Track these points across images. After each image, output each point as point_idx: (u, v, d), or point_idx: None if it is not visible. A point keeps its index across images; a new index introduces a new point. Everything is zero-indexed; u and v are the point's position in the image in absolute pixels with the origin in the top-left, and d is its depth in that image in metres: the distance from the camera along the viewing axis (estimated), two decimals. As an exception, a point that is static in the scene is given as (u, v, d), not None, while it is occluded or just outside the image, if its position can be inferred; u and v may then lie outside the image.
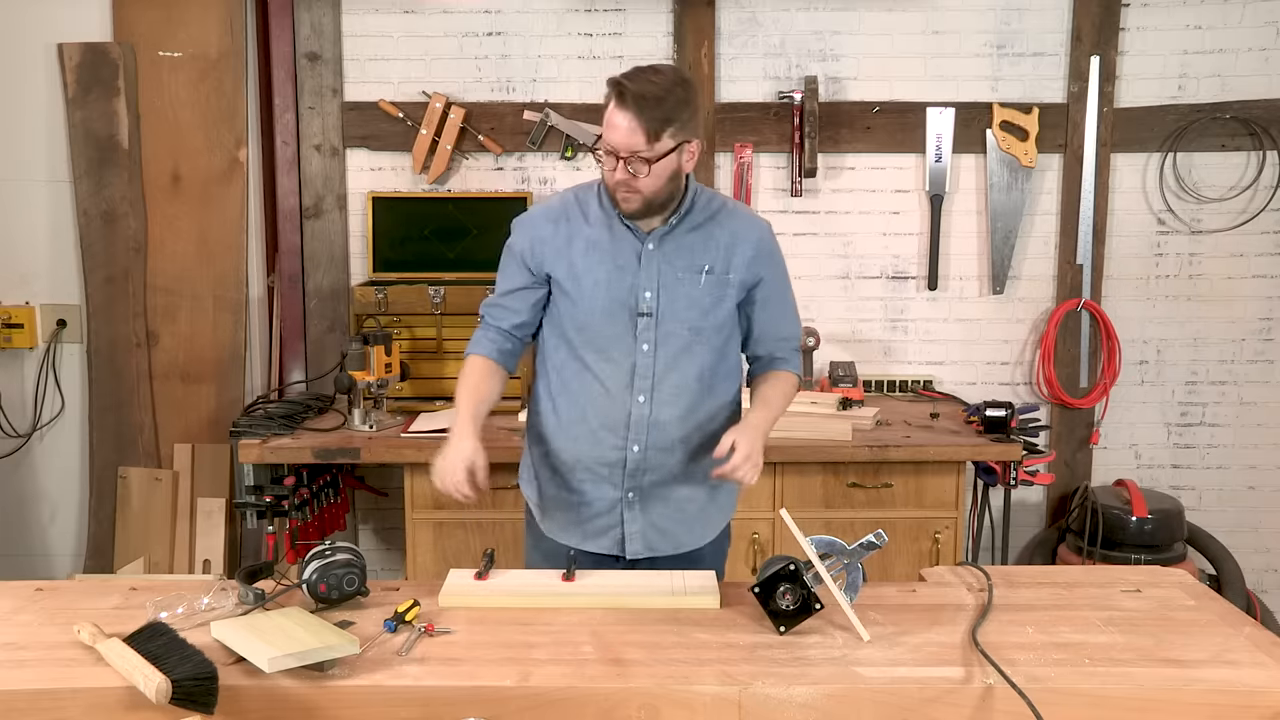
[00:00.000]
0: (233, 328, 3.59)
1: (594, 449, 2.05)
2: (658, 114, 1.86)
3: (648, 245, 2.01)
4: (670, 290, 2.01)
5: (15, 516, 3.69)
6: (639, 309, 2.00)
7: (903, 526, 3.03)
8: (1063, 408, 3.67)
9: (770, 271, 2.08)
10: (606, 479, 2.06)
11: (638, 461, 2.04)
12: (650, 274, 2.00)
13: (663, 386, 2.02)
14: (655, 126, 1.86)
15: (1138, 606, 1.77)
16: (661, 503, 2.07)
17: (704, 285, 2.02)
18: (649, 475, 2.05)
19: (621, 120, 1.86)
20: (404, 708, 1.48)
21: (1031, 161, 3.54)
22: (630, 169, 1.89)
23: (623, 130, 1.86)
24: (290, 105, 3.55)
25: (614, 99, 1.88)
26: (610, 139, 1.89)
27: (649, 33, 3.53)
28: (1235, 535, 3.65)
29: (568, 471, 2.09)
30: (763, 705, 1.47)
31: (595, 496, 2.08)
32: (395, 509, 3.48)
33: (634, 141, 1.86)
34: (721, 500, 2.16)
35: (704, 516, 2.14)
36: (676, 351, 2.02)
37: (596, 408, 2.04)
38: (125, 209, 3.52)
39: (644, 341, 2.01)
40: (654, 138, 1.87)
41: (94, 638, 1.54)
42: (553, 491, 2.12)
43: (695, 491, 2.09)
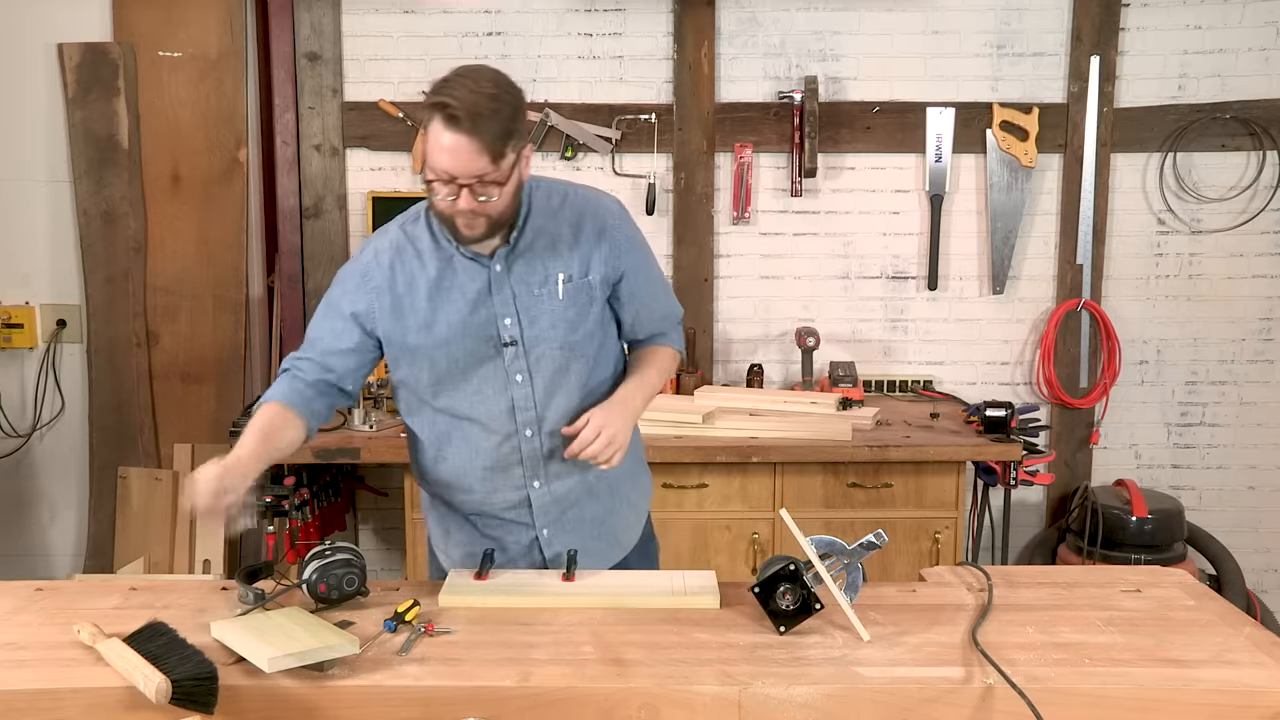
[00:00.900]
0: (233, 328, 3.59)
1: (493, 495, 1.91)
2: (496, 129, 1.64)
3: (495, 267, 1.81)
4: (530, 311, 1.82)
5: (15, 516, 3.69)
6: (502, 339, 1.82)
7: (903, 526, 3.03)
8: (1063, 408, 3.67)
9: (631, 259, 1.89)
10: (515, 520, 1.93)
11: (542, 496, 1.91)
12: (505, 299, 1.82)
13: (548, 415, 1.86)
14: (498, 144, 1.64)
15: (1138, 606, 1.76)
16: (576, 525, 1.95)
17: (566, 296, 1.83)
18: (557, 506, 1.92)
19: (458, 143, 1.63)
20: (404, 708, 1.47)
21: (1031, 161, 3.54)
22: (478, 195, 1.67)
23: (463, 154, 1.63)
24: (290, 105, 3.55)
25: (441, 120, 1.63)
26: (446, 166, 1.65)
27: (649, 33, 3.53)
28: (1235, 535, 3.65)
29: (474, 523, 1.96)
30: (763, 705, 1.47)
31: (510, 540, 1.94)
32: (395, 509, 3.48)
33: (477, 166, 1.64)
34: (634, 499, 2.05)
35: (621, 524, 2.03)
36: (553, 374, 1.85)
37: (483, 454, 1.88)
38: (125, 209, 3.52)
39: (516, 372, 1.84)
40: (499, 156, 1.65)
41: (94, 638, 1.54)
42: (468, 548, 1.97)
43: (604, 507, 1.98)
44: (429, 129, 1.66)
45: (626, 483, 2.02)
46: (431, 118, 1.65)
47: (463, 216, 1.71)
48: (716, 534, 3.05)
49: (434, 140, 1.66)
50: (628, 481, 2.03)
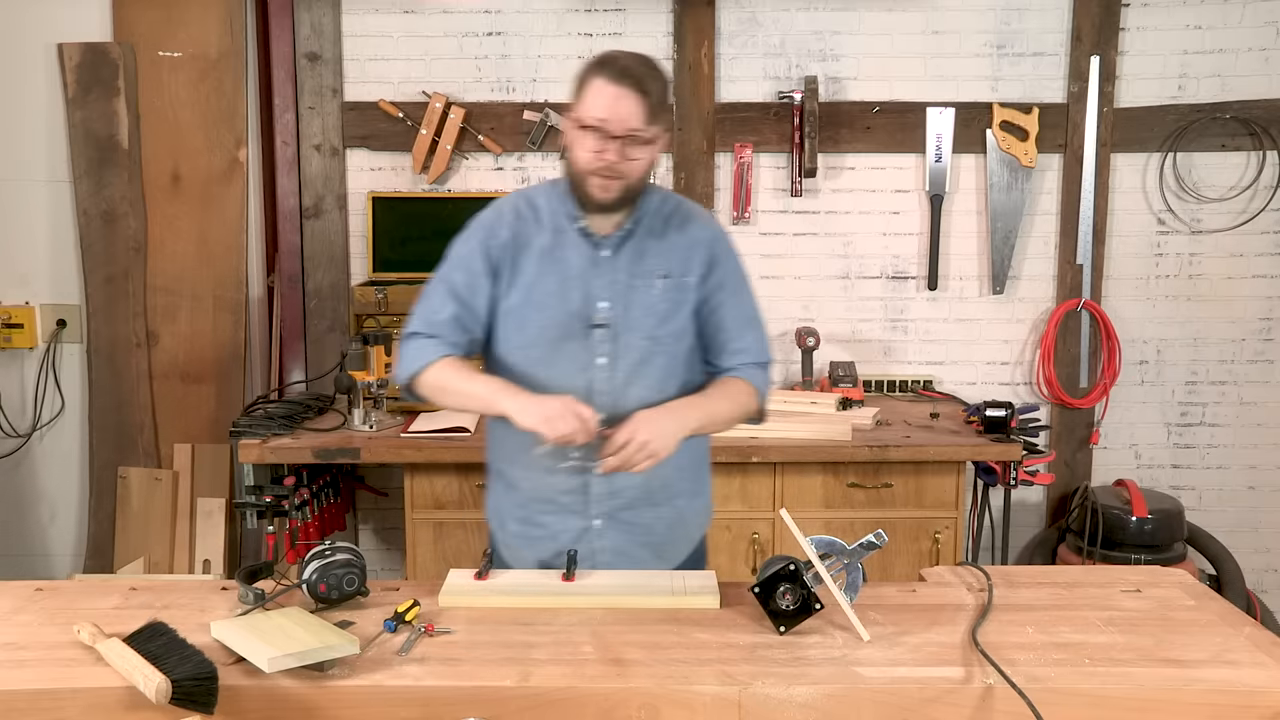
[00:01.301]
0: (233, 328, 3.59)
1: (553, 476, 1.91)
2: (656, 93, 1.77)
3: (602, 251, 1.88)
4: (626, 298, 1.87)
5: (15, 516, 3.69)
6: (593, 320, 1.86)
7: (903, 526, 3.03)
8: (1063, 408, 3.67)
9: (727, 277, 1.93)
10: (569, 508, 1.94)
11: (602, 485, 1.91)
12: (605, 282, 1.87)
13: (624, 402, 1.86)
14: (654, 107, 1.76)
15: (1138, 606, 1.76)
16: (627, 527, 1.95)
17: (661, 291, 1.89)
18: (615, 499, 1.93)
19: (621, 94, 1.73)
20: (404, 708, 1.47)
21: (1031, 161, 3.54)
22: (624, 150, 1.76)
23: (624, 104, 1.73)
24: (290, 105, 3.55)
25: (607, 75, 1.74)
26: (600, 114, 1.74)
27: (649, 33, 3.53)
28: (1235, 535, 3.65)
29: (527, 503, 1.97)
30: (763, 705, 1.47)
31: (559, 529, 1.95)
32: (395, 509, 3.48)
33: (635, 120, 1.74)
34: (689, 518, 2.05)
35: (671, 538, 2.02)
36: (636, 363, 1.88)
37: None
38: (125, 209, 3.52)
39: (600, 355, 1.87)
40: (652, 117, 1.76)
41: (94, 638, 1.54)
42: (515, 527, 2.00)
43: (660, 512, 1.97)
44: (588, 86, 1.77)
45: (686, 500, 2.02)
46: (593, 76, 1.77)
47: (600, 175, 1.78)
48: (716, 534, 3.04)
49: (595, 92, 1.75)
50: (687, 499, 2.03)
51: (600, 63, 1.77)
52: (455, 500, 3.04)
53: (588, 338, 1.87)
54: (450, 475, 3.03)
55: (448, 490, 3.04)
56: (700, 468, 2.06)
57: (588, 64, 1.80)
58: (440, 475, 3.03)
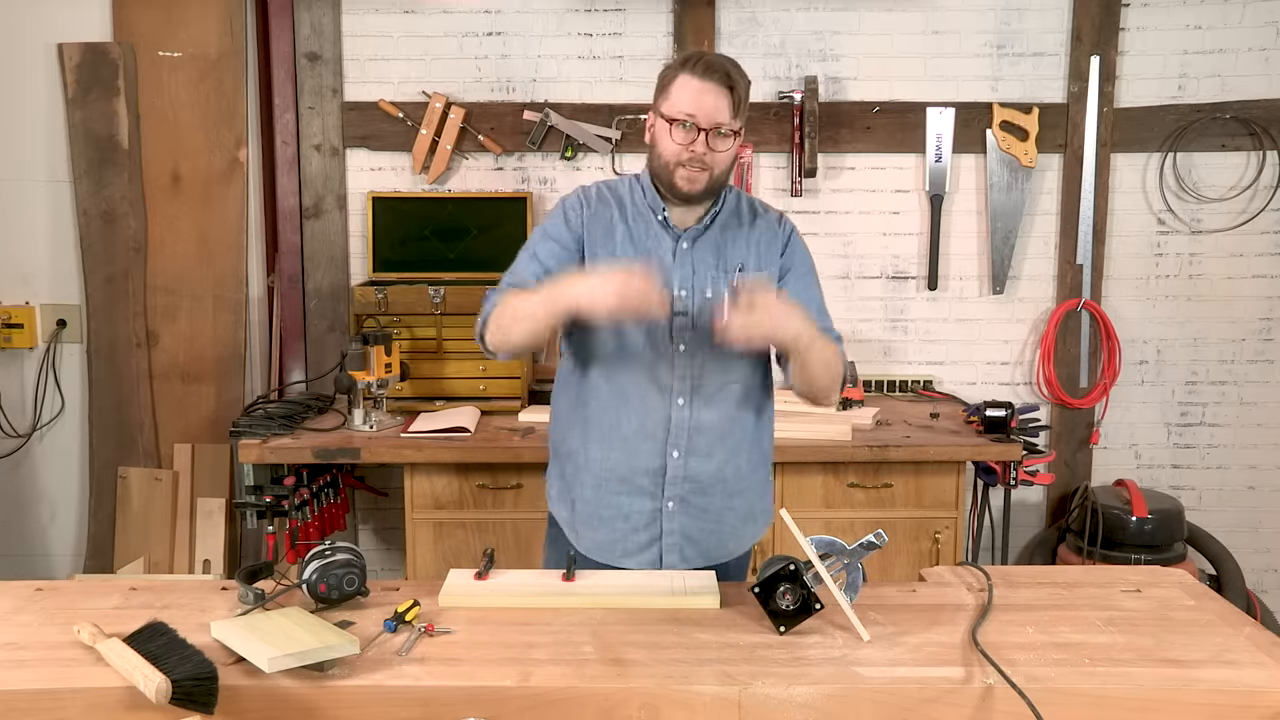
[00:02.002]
0: (233, 328, 3.59)
1: (630, 457, 1.97)
2: (742, 90, 1.87)
3: (682, 244, 1.97)
4: (704, 288, 1.96)
5: (15, 516, 3.69)
6: (675, 308, 1.94)
7: (903, 526, 3.03)
8: (1063, 408, 3.67)
9: (796, 262, 2.05)
10: (645, 489, 1.99)
11: (678, 468, 1.97)
12: (685, 273, 1.96)
13: (702, 388, 1.96)
14: (739, 103, 1.86)
15: (1138, 606, 1.77)
16: (699, 513, 2.01)
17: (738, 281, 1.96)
18: (688, 483, 1.99)
19: (709, 89, 1.83)
20: (404, 708, 1.47)
21: (1031, 161, 3.54)
22: (710, 143, 1.85)
23: (712, 97, 1.83)
24: (290, 105, 3.55)
25: (696, 71, 1.84)
26: (688, 109, 1.84)
27: (649, 33, 3.53)
28: (1235, 535, 3.65)
29: (602, 485, 2.01)
30: (763, 705, 1.47)
31: (633, 509, 2.00)
32: (395, 509, 3.48)
33: (721, 112, 1.84)
34: (758, 514, 2.11)
35: (737, 532, 2.07)
36: (710, 352, 1.95)
37: (632, 412, 1.96)
38: (125, 209, 3.52)
39: (680, 342, 1.95)
40: (738, 111, 1.86)
41: (94, 638, 1.54)
42: (587, 509, 2.04)
43: (731, 503, 2.03)
44: (676, 82, 1.86)
45: (755, 496, 2.08)
46: (680, 72, 1.86)
47: (688, 167, 1.88)
48: (716, 534, 3.05)
49: (682, 87, 1.85)
50: (757, 496, 2.09)
51: (687, 60, 1.87)
52: (455, 500, 3.04)
53: (669, 325, 1.95)
54: (450, 475, 3.03)
55: (448, 490, 3.04)
56: (768, 469, 2.14)
57: (673, 62, 1.91)
58: (440, 475, 3.03)
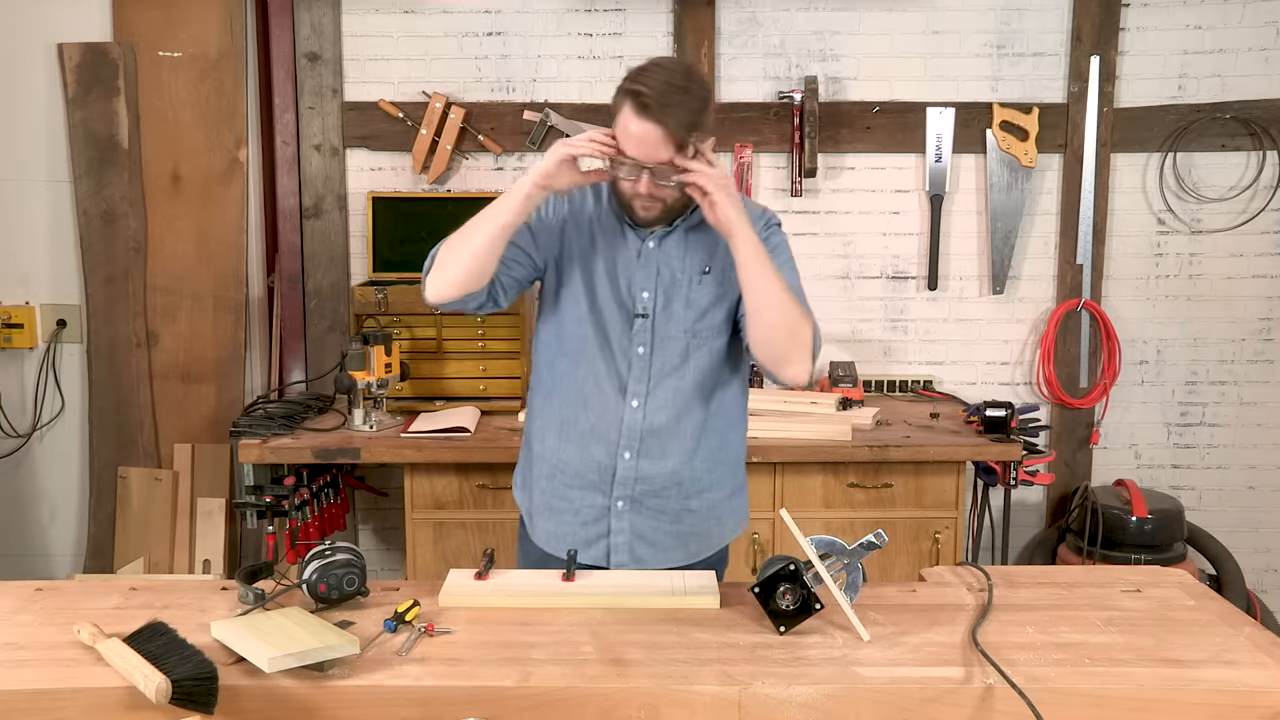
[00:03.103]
0: (233, 328, 3.59)
1: (583, 454, 1.98)
2: (685, 120, 1.76)
3: (648, 244, 1.94)
4: (668, 291, 1.94)
5: (15, 516, 3.69)
6: (636, 309, 1.93)
7: (903, 526, 3.03)
8: (1063, 408, 3.67)
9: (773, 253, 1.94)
10: (595, 486, 1.98)
11: (629, 469, 1.96)
12: (649, 273, 1.94)
13: (658, 391, 1.94)
14: (684, 134, 1.77)
15: (1138, 606, 1.77)
16: (654, 514, 1.99)
17: (703, 286, 1.94)
18: (640, 485, 1.97)
19: (648, 131, 1.75)
20: (404, 708, 1.47)
21: (1031, 161, 3.54)
22: (658, 180, 1.80)
23: (650, 141, 1.76)
24: (290, 105, 3.55)
25: (633, 107, 1.76)
26: (632, 150, 1.78)
27: (649, 33, 3.53)
28: (1235, 535, 3.65)
29: (555, 476, 2.02)
30: (763, 705, 1.47)
31: (583, 504, 2.00)
32: (395, 509, 3.48)
33: (662, 153, 1.77)
34: (724, 516, 2.07)
35: (700, 532, 2.04)
36: (673, 355, 1.94)
37: (588, 410, 1.96)
38: (125, 209, 3.52)
39: (639, 344, 1.93)
40: (682, 146, 1.78)
41: (94, 638, 1.54)
42: (541, 499, 2.05)
43: (689, 504, 2.01)
44: (620, 113, 1.79)
45: (720, 496, 2.05)
46: (623, 103, 1.78)
47: (641, 199, 1.85)
48: (716, 534, 3.05)
49: (624, 125, 1.78)
50: (723, 496, 2.05)
51: (631, 90, 1.76)
52: (455, 500, 3.04)
53: (629, 326, 1.94)
54: (450, 475, 3.03)
55: (448, 490, 3.04)
56: (737, 468, 2.10)
57: (624, 82, 1.80)
58: (440, 475, 3.03)
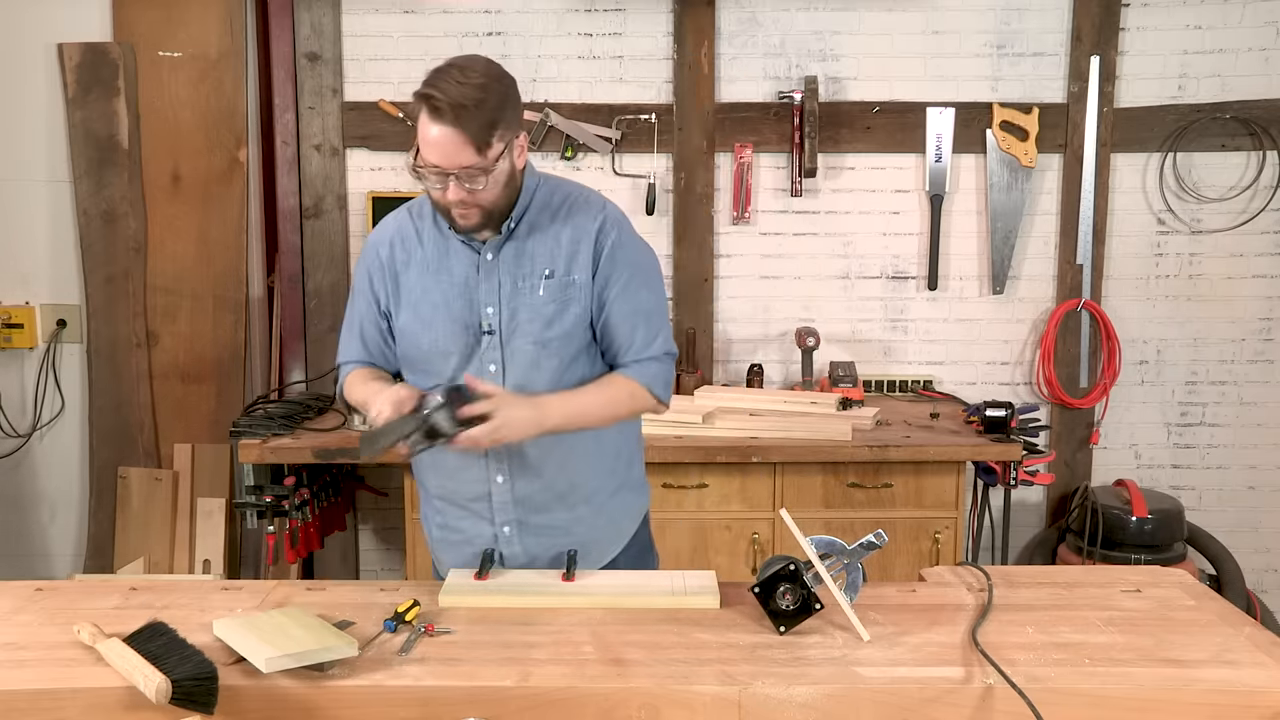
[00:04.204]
0: (233, 328, 3.59)
1: (457, 483, 1.93)
2: (482, 119, 1.66)
3: (485, 255, 1.83)
4: (511, 302, 1.83)
5: (15, 516, 3.69)
6: (482, 327, 1.83)
7: (903, 526, 3.03)
8: (1063, 408, 3.67)
9: (616, 271, 1.84)
10: (479, 514, 1.93)
11: (505, 493, 1.90)
12: (491, 287, 1.83)
13: None
14: (483, 134, 1.67)
15: (1138, 606, 1.76)
16: (543, 530, 1.92)
17: (546, 292, 1.82)
18: (519, 507, 1.91)
19: (443, 135, 1.66)
20: (404, 708, 1.47)
21: (1031, 161, 3.54)
22: (465, 185, 1.70)
23: (447, 146, 1.66)
24: (290, 105, 3.55)
25: (427, 112, 1.66)
26: (432, 158, 1.68)
27: (649, 33, 3.53)
28: (1235, 535, 3.65)
29: (444, 510, 1.98)
30: (763, 705, 1.47)
31: (474, 533, 1.95)
32: (395, 509, 3.48)
33: (462, 157, 1.67)
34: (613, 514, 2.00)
35: (595, 538, 1.97)
36: (525, 368, 1.83)
37: None
38: (125, 209, 3.52)
39: (490, 362, 1.83)
40: (484, 147, 1.68)
41: (94, 638, 1.54)
42: (439, 534, 2.01)
43: (578, 512, 1.93)
44: (419, 119, 1.70)
45: (605, 497, 1.97)
46: (419, 109, 1.69)
47: (455, 207, 1.75)
48: (716, 534, 3.05)
49: (422, 132, 1.69)
50: (606, 497, 1.97)
51: (424, 94, 1.67)
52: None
53: (478, 345, 1.84)
54: (450, 475, 3.03)
55: (448, 490, 3.03)
56: (619, 463, 2.00)
57: (421, 85, 1.69)
58: (440, 475, 3.03)
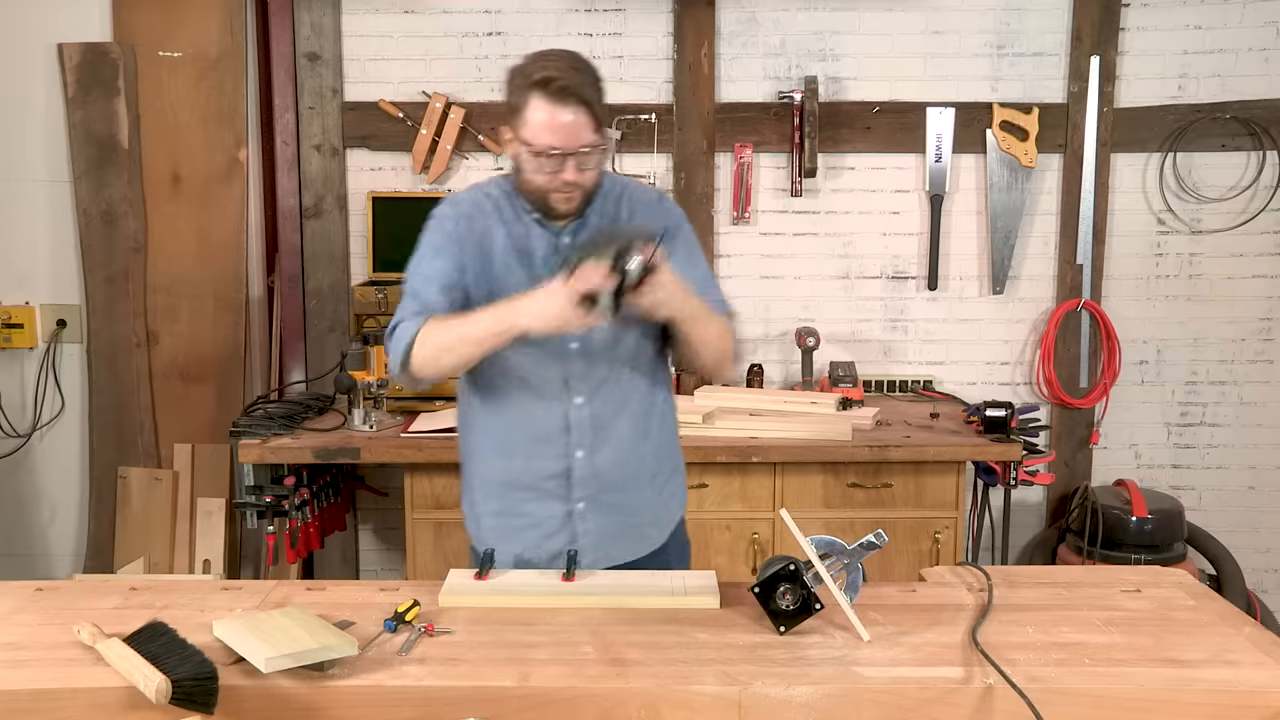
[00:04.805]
0: (233, 328, 3.59)
1: (532, 462, 1.93)
2: (596, 98, 1.76)
3: (563, 239, 1.90)
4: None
5: (15, 516, 3.69)
6: None
7: (903, 526, 3.03)
8: (1063, 408, 3.67)
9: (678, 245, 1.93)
10: (552, 493, 1.94)
11: (585, 467, 1.93)
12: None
13: (598, 383, 1.91)
14: (599, 110, 1.77)
15: (1138, 606, 1.77)
16: (614, 509, 1.96)
17: None
18: (597, 481, 1.94)
19: (566, 115, 1.73)
20: (404, 708, 1.48)
21: (1031, 161, 3.54)
22: (582, 166, 1.77)
23: (572, 126, 1.73)
24: (290, 105, 3.55)
25: (549, 96, 1.73)
26: (553, 139, 1.74)
27: (649, 33, 3.53)
28: (1235, 535, 3.65)
29: (506, 493, 1.97)
30: (763, 705, 1.47)
31: (542, 515, 1.95)
32: (395, 509, 3.48)
33: (583, 133, 1.75)
34: (668, 497, 2.07)
35: (652, 521, 2.04)
36: (605, 345, 1.90)
37: (530, 417, 1.92)
38: (125, 209, 3.52)
39: (572, 341, 1.88)
40: (599, 125, 1.77)
41: (94, 638, 1.54)
42: (494, 522, 1.99)
43: (644, 492, 2.00)
44: (529, 106, 1.74)
45: (665, 478, 2.05)
46: (530, 95, 1.74)
47: (562, 190, 1.80)
48: (716, 534, 3.05)
49: (538, 116, 1.74)
50: (666, 477, 2.05)
51: (536, 81, 1.74)
52: (455, 500, 3.02)
53: None
54: (450, 475, 3.03)
55: (448, 490, 3.04)
56: (674, 445, 2.09)
57: (519, 77, 1.76)
58: (440, 475, 3.03)
